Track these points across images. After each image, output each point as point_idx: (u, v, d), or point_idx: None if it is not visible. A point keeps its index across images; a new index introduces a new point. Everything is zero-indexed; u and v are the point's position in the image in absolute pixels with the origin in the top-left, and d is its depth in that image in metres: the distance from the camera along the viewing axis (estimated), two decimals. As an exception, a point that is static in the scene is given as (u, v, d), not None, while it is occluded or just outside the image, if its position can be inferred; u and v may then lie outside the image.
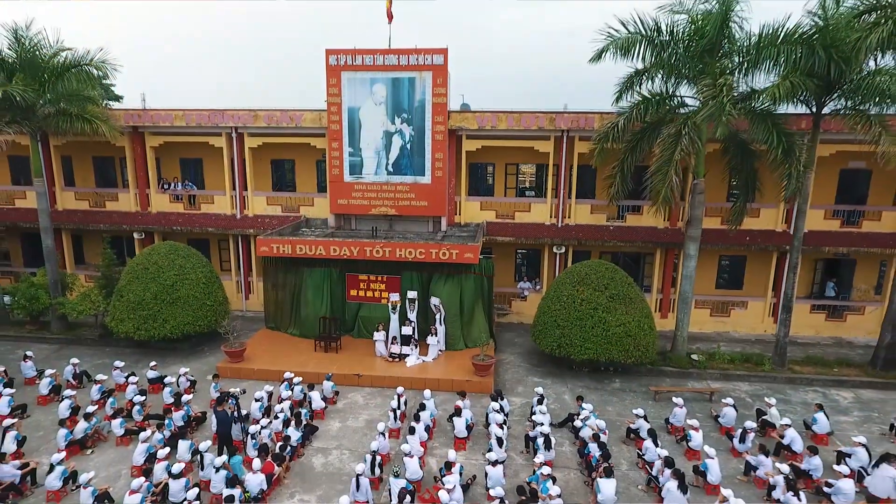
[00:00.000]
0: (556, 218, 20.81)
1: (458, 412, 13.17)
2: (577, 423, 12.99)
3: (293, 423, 12.70)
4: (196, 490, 10.22)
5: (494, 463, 11.09)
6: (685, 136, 14.30)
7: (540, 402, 13.56)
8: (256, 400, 13.57)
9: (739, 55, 15.16)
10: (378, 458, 11.59)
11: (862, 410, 15.04)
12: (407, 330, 17.30)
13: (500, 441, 12.01)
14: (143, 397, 13.83)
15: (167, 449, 11.52)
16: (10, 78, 16.74)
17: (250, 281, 22.71)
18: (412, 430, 12.32)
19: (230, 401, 12.79)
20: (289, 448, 11.99)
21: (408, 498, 10.34)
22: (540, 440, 12.03)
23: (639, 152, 16.81)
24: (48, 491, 10.86)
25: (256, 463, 10.84)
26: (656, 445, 11.81)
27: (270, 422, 12.85)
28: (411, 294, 17.62)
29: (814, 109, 15.70)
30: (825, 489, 10.89)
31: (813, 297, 21.70)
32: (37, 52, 17.58)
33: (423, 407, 13.28)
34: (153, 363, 15.89)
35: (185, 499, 10.14)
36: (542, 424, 12.51)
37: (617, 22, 15.38)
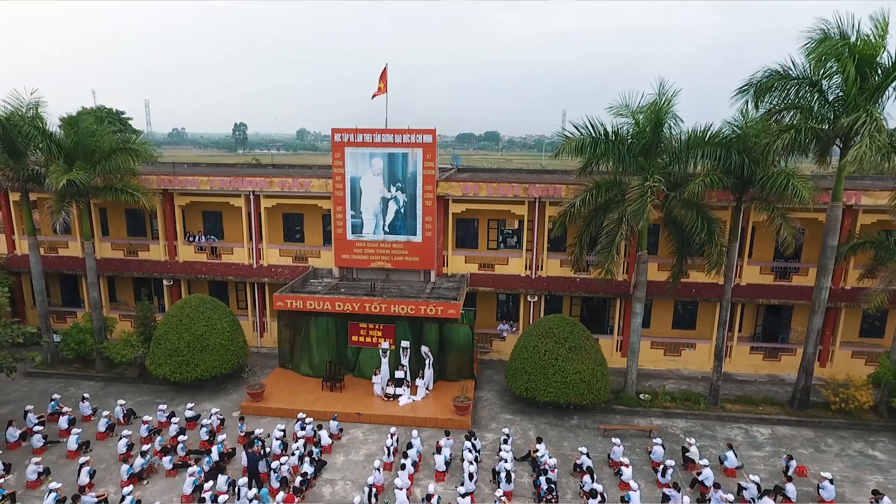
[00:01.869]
0: (531, 270, 24.05)
1: (438, 450, 16.38)
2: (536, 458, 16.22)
3: (307, 459, 15.93)
4: (235, 517, 13.45)
5: (464, 495, 14.31)
6: (624, 222, 17.52)
7: (505, 441, 16.78)
8: (276, 439, 16.81)
9: (672, 152, 18.39)
10: (374, 489, 14.80)
11: (773, 446, 18.22)
12: (400, 374, 20.54)
13: (470, 476, 15.21)
14: (186, 437, 17.08)
15: (211, 482, 14.74)
16: (71, 164, 19.99)
17: (265, 321, 25.94)
18: (402, 466, 15.51)
19: (256, 442, 16.04)
20: (303, 481, 15.20)
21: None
22: (502, 474, 15.26)
23: (593, 227, 19.97)
24: (120, 516, 14.08)
25: (280, 495, 14.05)
26: (592, 479, 15.03)
27: (288, 458, 16.08)
28: (404, 343, 20.84)
29: (736, 195, 18.93)
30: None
31: (755, 338, 24.94)
32: (87, 138, 20.83)
33: (410, 445, 16.51)
34: (191, 404, 19.15)
35: (226, 523, 13.37)
36: (505, 461, 15.74)
37: (571, 126, 18.66)
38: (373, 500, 14.62)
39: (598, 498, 13.91)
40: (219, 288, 26.56)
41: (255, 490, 14.29)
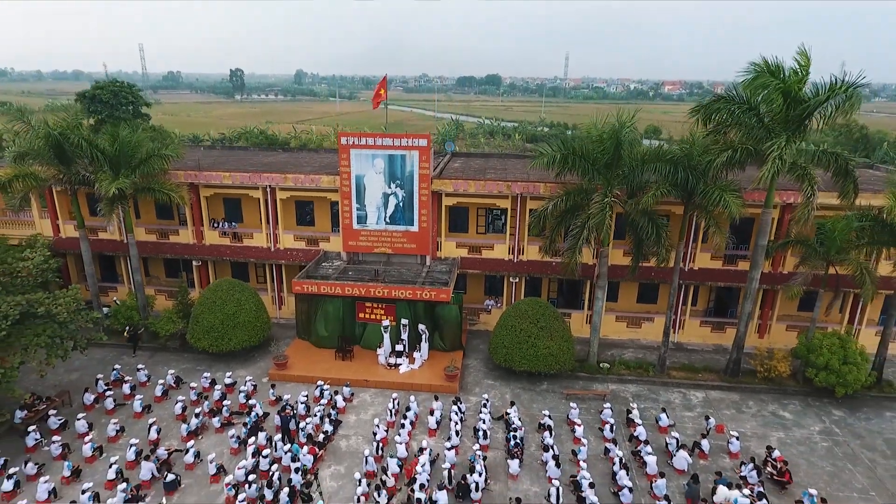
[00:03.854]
0: (513, 255, 27.66)
1: (431, 412, 20.55)
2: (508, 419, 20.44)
3: (327, 419, 20.13)
4: (276, 465, 17.69)
5: (450, 448, 18.53)
6: (586, 229, 20.98)
7: (485, 405, 20.94)
8: (301, 403, 21.00)
9: (630, 167, 21.58)
10: (380, 443, 19.04)
11: (703, 408, 22.38)
12: (399, 347, 24.57)
13: (456, 433, 19.40)
14: (228, 401, 21.27)
15: (253, 438, 18.95)
16: (116, 171, 23.25)
17: (283, 296, 29.81)
18: (403, 425, 19.69)
19: (286, 405, 20.22)
20: (325, 437, 19.43)
21: (397, 469, 17.79)
22: (480, 432, 19.47)
23: (565, 223, 23.40)
24: (186, 464, 18.38)
25: (305, 449, 18.27)
26: (550, 435, 19.25)
27: (311, 418, 20.27)
28: (404, 321, 24.75)
29: (683, 203, 22.27)
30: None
31: (708, 312, 28.84)
32: (126, 145, 23.98)
33: (408, 408, 20.67)
34: (228, 372, 23.28)
35: (268, 469, 17.63)
36: (483, 421, 19.92)
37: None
38: (379, 451, 18.89)
39: (550, 452, 18.13)
40: (241, 267, 30.29)
41: (288, 445, 18.50)
